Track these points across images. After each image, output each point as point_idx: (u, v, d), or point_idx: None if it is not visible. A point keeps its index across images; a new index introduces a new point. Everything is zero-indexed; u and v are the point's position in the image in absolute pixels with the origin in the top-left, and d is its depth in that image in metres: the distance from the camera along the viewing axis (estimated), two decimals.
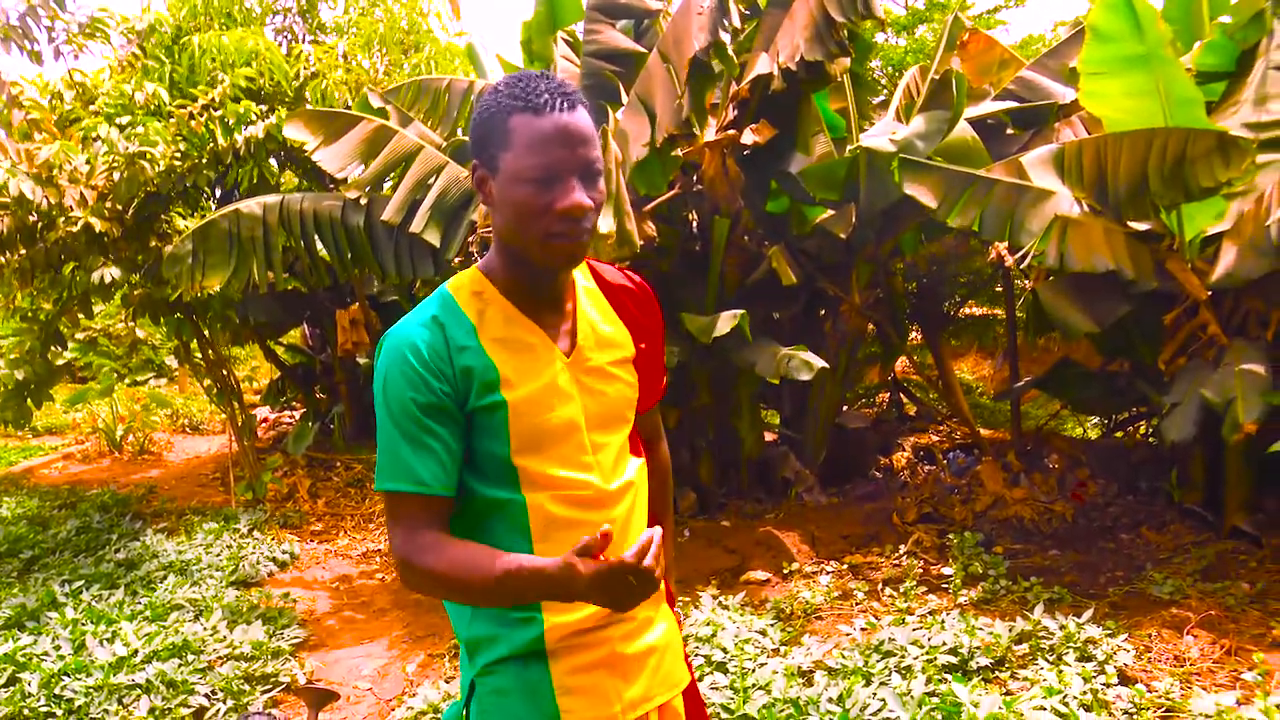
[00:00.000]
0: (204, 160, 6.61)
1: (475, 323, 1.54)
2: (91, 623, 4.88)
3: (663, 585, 1.68)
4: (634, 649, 1.62)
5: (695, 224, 6.47)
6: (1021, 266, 5.66)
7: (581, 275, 1.68)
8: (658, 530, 1.40)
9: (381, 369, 1.53)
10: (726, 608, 4.53)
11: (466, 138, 6.24)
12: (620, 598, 1.39)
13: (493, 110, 1.49)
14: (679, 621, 1.76)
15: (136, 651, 4.45)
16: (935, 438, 6.88)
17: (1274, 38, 5.15)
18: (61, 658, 4.38)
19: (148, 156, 6.16)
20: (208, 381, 8.04)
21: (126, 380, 12.98)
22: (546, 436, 1.54)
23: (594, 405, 1.60)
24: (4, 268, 6.73)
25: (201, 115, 6.53)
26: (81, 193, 6.21)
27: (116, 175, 6.21)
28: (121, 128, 6.33)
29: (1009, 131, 6.24)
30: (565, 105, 1.46)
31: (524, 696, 1.57)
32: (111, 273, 6.76)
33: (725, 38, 5.31)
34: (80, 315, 7.99)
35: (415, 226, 5.66)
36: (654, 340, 1.74)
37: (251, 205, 5.99)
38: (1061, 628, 3.83)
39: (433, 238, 5.68)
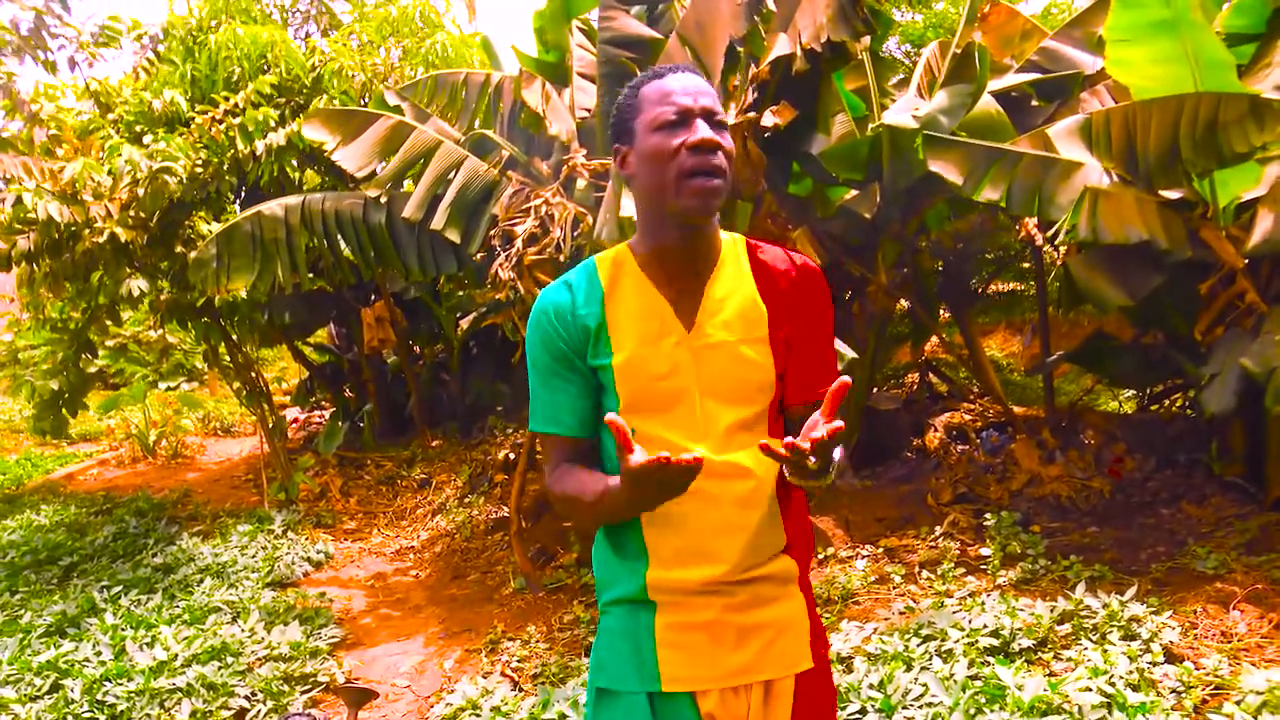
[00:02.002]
0: (226, 167, 6.63)
1: (606, 288, 1.69)
2: (131, 628, 4.92)
3: (795, 569, 1.73)
4: (743, 620, 1.66)
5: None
6: (1054, 242, 5.56)
7: (732, 255, 1.73)
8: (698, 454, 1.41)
9: (528, 331, 1.74)
10: None
11: (486, 131, 6.22)
12: (650, 495, 1.45)
13: (626, 94, 1.69)
14: (812, 607, 1.76)
15: (176, 655, 4.48)
16: (968, 416, 6.79)
17: None
18: (103, 663, 4.42)
19: (170, 171, 6.19)
20: (237, 384, 8.09)
21: (160, 385, 13.13)
22: (653, 400, 1.65)
23: (711, 379, 1.66)
24: (34, 277, 6.80)
25: (222, 122, 6.55)
26: (106, 207, 6.25)
27: (141, 191, 6.25)
28: (144, 146, 6.36)
29: (1034, 103, 6.13)
30: (686, 69, 1.65)
31: (629, 639, 1.70)
32: (140, 284, 6.81)
33: (757, 20, 5.24)
34: (109, 323, 8.06)
35: (436, 223, 5.64)
36: (805, 324, 1.74)
37: (273, 207, 6.00)
38: (1104, 606, 3.77)
39: (454, 234, 5.66)
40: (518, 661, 4.53)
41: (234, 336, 7.86)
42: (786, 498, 1.73)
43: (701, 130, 1.58)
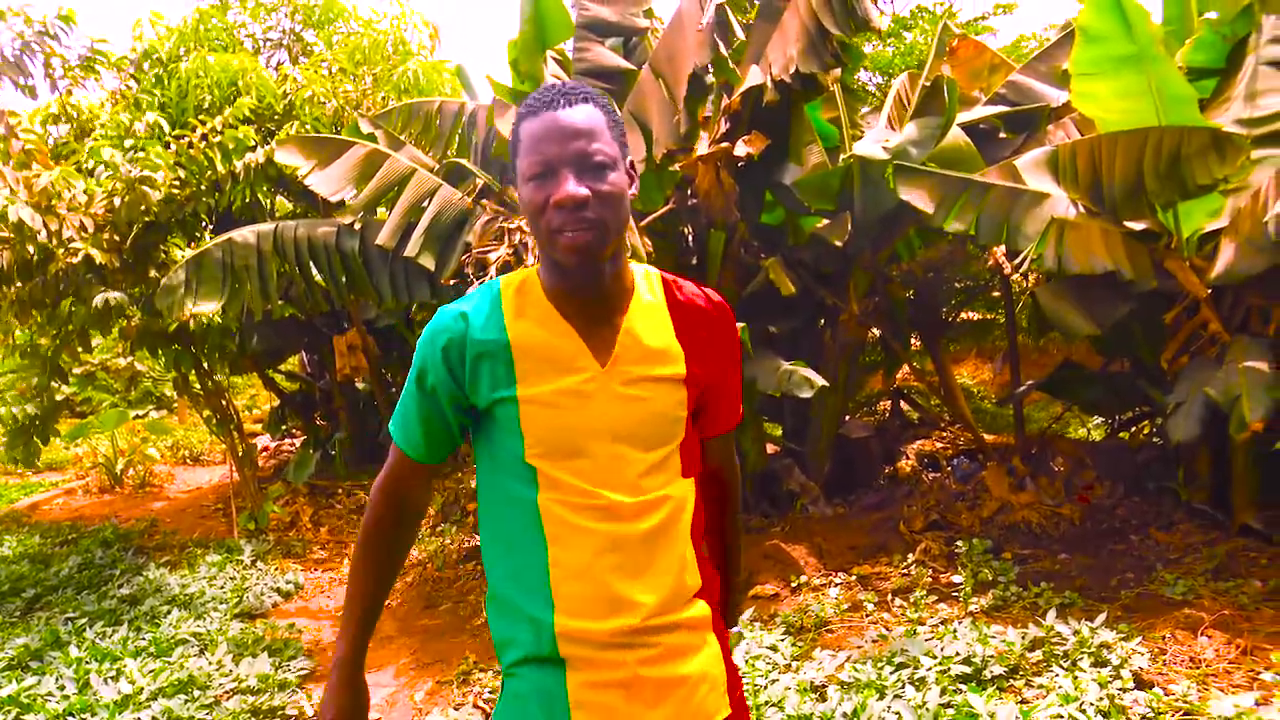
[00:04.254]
0: (203, 188, 6.60)
1: (509, 319, 1.58)
2: (96, 661, 4.83)
3: (709, 613, 1.66)
4: (659, 675, 1.57)
5: (691, 238, 6.46)
6: (1020, 271, 5.64)
7: (647, 288, 1.67)
8: None
9: (418, 343, 1.66)
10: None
11: (460, 160, 6.24)
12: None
13: (514, 122, 1.57)
14: (726, 651, 1.71)
15: (142, 689, 4.40)
16: (939, 444, 6.84)
17: (1263, 32, 5.16)
18: (66, 698, 4.34)
19: (150, 182, 6.14)
20: (207, 412, 8.01)
21: (129, 413, 12.96)
22: (562, 441, 1.55)
23: (626, 418, 1.58)
24: (1, 302, 6.71)
25: (201, 144, 6.53)
26: (81, 221, 6.18)
27: (117, 201, 6.19)
28: (125, 150, 6.32)
29: (1001, 135, 6.23)
30: (563, 103, 1.51)
31: (540, 703, 1.57)
32: (114, 295, 6.74)
33: (725, 51, 5.31)
34: (79, 349, 7.97)
35: (410, 250, 5.64)
36: (718, 363, 1.70)
37: (245, 233, 5.98)
38: (1075, 633, 3.79)
39: (427, 261, 5.66)
40: (489, 693, 4.49)
41: (205, 364, 7.79)
42: (697, 536, 1.68)
43: (566, 186, 1.47)
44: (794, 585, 5.21)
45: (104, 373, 14.58)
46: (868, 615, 4.67)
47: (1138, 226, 5.01)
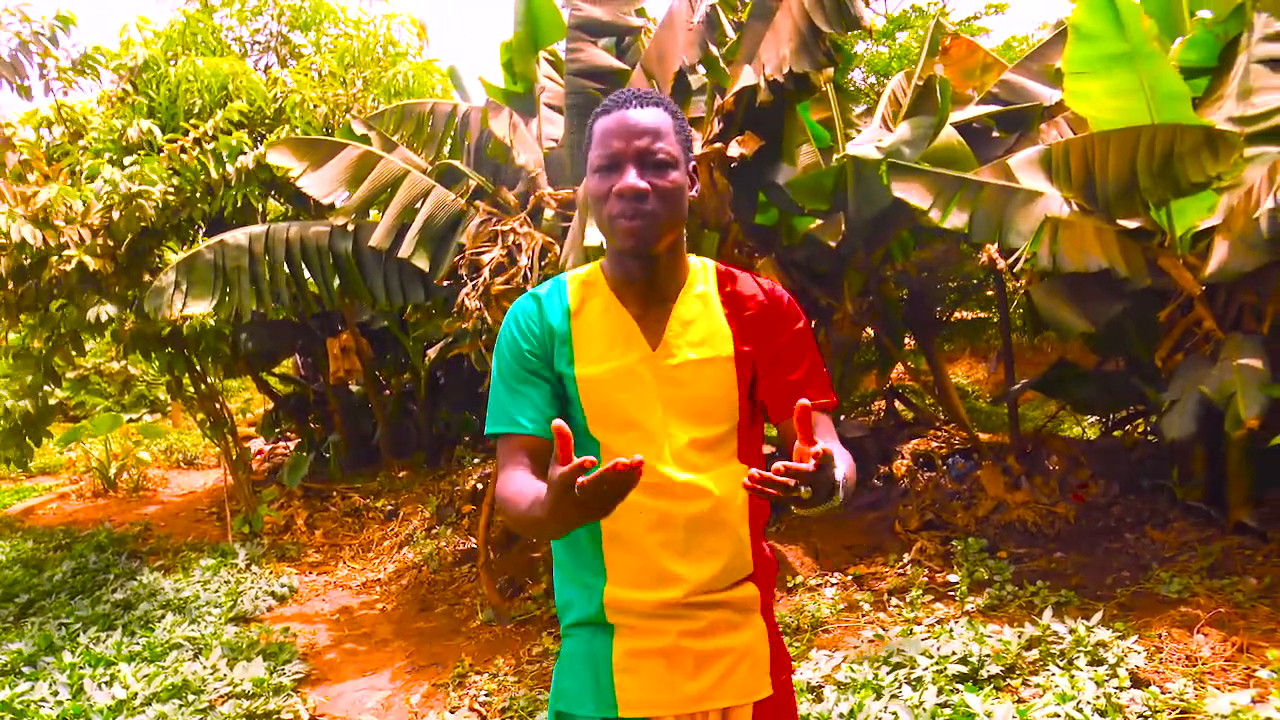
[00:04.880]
0: (197, 194, 6.58)
1: (573, 305, 1.73)
2: (89, 666, 4.82)
3: (758, 596, 1.75)
4: (700, 647, 1.67)
5: (685, 239, 6.44)
6: (1014, 269, 5.64)
7: (701, 279, 1.78)
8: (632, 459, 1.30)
9: (498, 336, 1.78)
10: None
11: (453, 161, 6.22)
12: (570, 507, 1.33)
13: (589, 122, 1.71)
14: (776, 635, 1.78)
15: (136, 694, 4.39)
16: (934, 443, 6.83)
17: (1254, 31, 5.16)
18: (60, 703, 4.32)
19: (146, 195, 6.13)
20: (200, 415, 7.98)
21: (123, 417, 12.92)
22: (616, 415, 1.68)
23: (675, 398, 1.68)
24: None
25: (194, 149, 6.50)
26: (79, 232, 6.16)
27: (115, 214, 6.17)
28: (124, 167, 6.30)
29: (994, 135, 6.24)
30: (636, 104, 1.66)
31: (587, 663, 1.71)
32: (107, 310, 6.71)
33: (715, 51, 5.29)
34: (73, 353, 7.94)
35: (404, 251, 5.62)
36: (775, 345, 1.75)
37: (237, 235, 5.95)
38: (1071, 631, 3.79)
39: (421, 262, 5.64)
40: (485, 696, 4.48)
41: (198, 367, 7.76)
42: (756, 523, 1.74)
43: (628, 177, 1.60)
44: (789, 586, 5.21)
45: (98, 376, 14.56)
46: (864, 615, 4.67)
47: (1131, 224, 5.01)
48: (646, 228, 1.62)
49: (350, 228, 6.01)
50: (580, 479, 1.27)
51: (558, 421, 1.33)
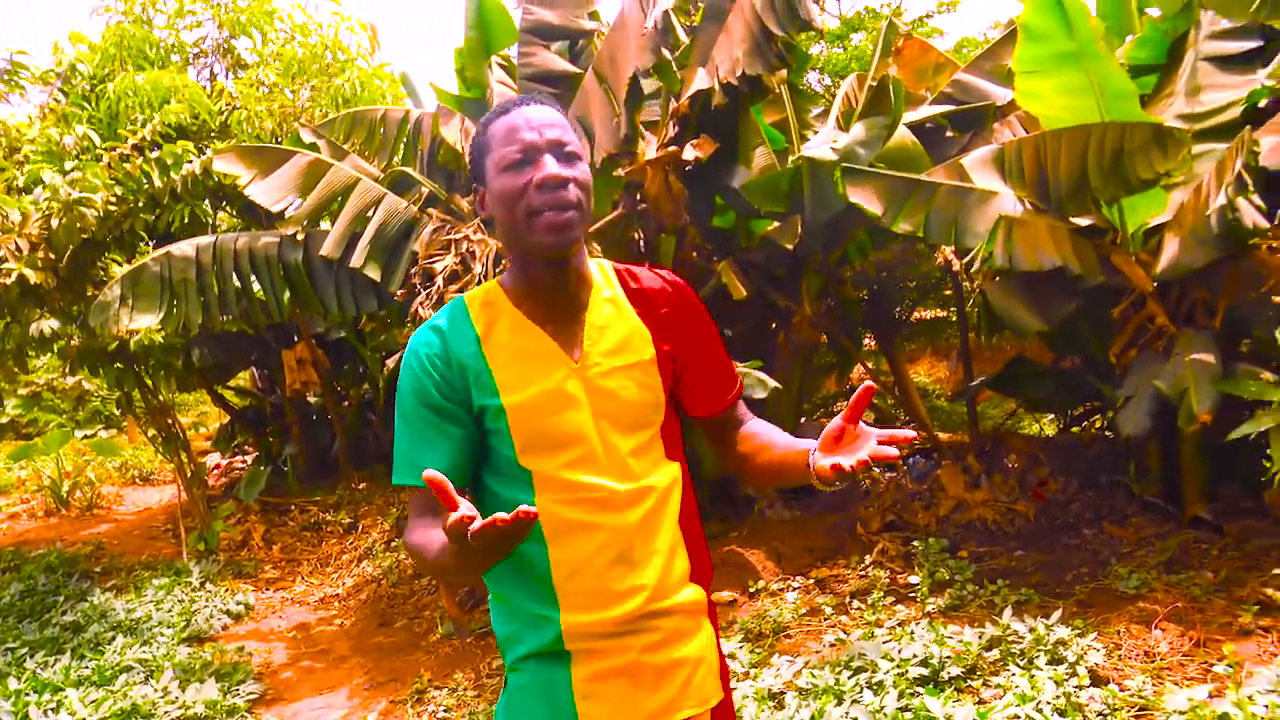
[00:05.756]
0: (140, 204, 6.44)
1: (480, 331, 1.63)
2: (35, 692, 4.67)
3: (704, 598, 1.72)
4: (660, 660, 1.63)
5: (642, 243, 6.40)
6: (970, 270, 5.66)
7: (604, 282, 1.72)
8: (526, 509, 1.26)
9: (400, 376, 1.66)
10: None
11: (406, 168, 6.14)
12: (475, 553, 1.30)
13: (477, 132, 1.65)
14: (717, 635, 1.76)
15: None
16: None
17: (1201, 28, 5.21)
18: None
19: (88, 203, 5.98)
20: (152, 431, 7.83)
21: (77, 433, 12.67)
22: (552, 440, 1.60)
23: (607, 409, 1.63)
24: None
25: (136, 156, 6.36)
26: (16, 243, 6.00)
27: (55, 223, 6.02)
28: (65, 173, 6.14)
29: (948, 134, 6.25)
30: (534, 103, 1.61)
31: (544, 696, 1.63)
32: (50, 325, 6.55)
33: (667, 54, 5.26)
34: (15, 369, 7.75)
35: (355, 261, 5.53)
36: (688, 336, 1.75)
37: (184, 247, 5.83)
38: (1031, 630, 3.78)
39: (373, 272, 5.56)
40: (444, 711, 4.40)
41: (149, 382, 7.60)
42: (686, 518, 1.71)
43: (548, 166, 1.54)
44: (752, 591, 5.17)
45: (50, 392, 14.27)
46: (825, 619, 4.64)
47: (1084, 222, 5.03)
48: (573, 219, 1.56)
49: (300, 237, 5.91)
50: (472, 528, 1.23)
51: (429, 472, 1.27)
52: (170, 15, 8.08)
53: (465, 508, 1.27)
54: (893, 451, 1.36)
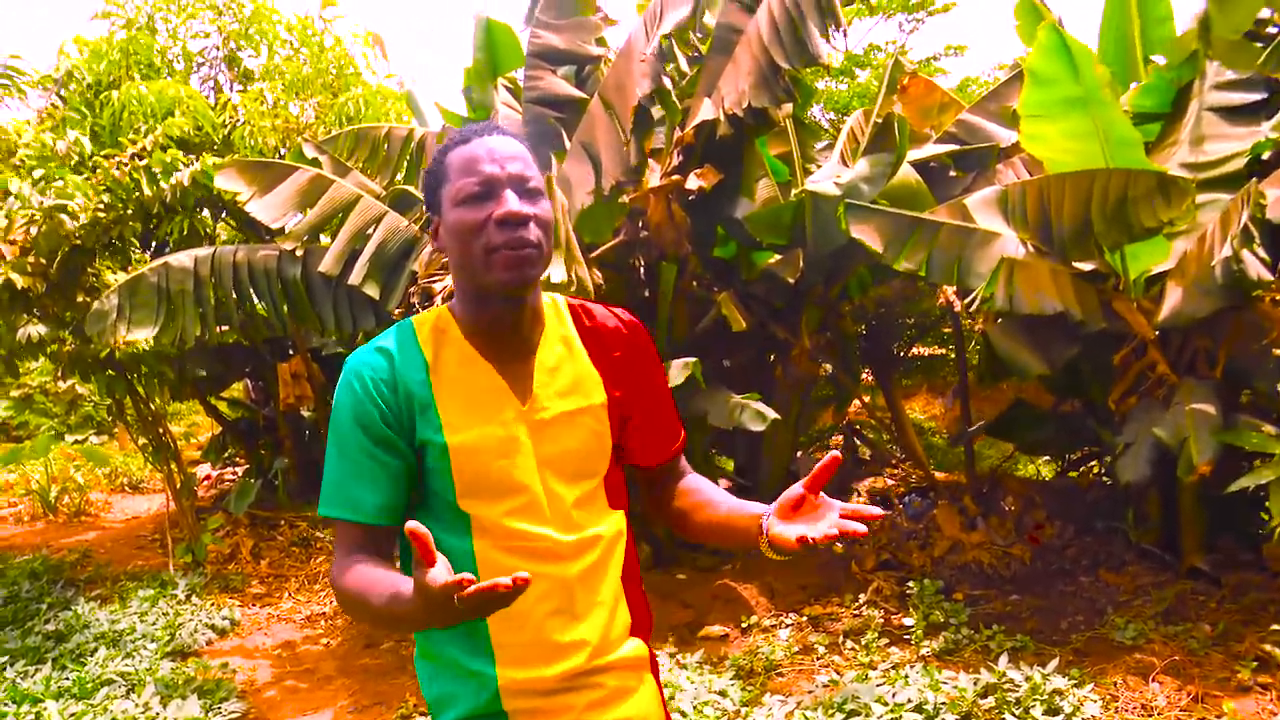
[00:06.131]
0: (129, 211, 6.40)
1: (430, 360, 1.53)
2: (13, 703, 4.60)
3: (646, 653, 1.66)
4: (604, 719, 1.55)
5: (642, 271, 6.39)
6: (971, 310, 5.65)
7: (557, 320, 1.64)
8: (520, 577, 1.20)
9: (336, 396, 1.55)
10: (685, 666, 4.39)
11: (408, 186, 6.13)
12: (449, 614, 1.22)
13: (434, 159, 1.55)
14: (660, 690, 1.69)
15: None
16: (890, 481, 6.81)
17: (1206, 78, 5.23)
18: None
19: (67, 210, 5.94)
20: (143, 439, 7.76)
21: (67, 438, 12.59)
22: (493, 484, 1.51)
23: (552, 455, 1.55)
24: None
25: (128, 165, 6.33)
26: (1, 249, 5.97)
27: (35, 230, 5.98)
28: (35, 181, 6.11)
29: (951, 174, 6.26)
30: (494, 133, 1.52)
31: None
32: (37, 330, 6.50)
33: (668, 83, 5.27)
34: (7, 375, 7.70)
35: (354, 279, 5.51)
36: (639, 382, 1.68)
37: (181, 258, 5.80)
38: (1027, 679, 3.74)
39: (372, 290, 5.53)
40: None
41: (140, 390, 7.55)
42: (629, 572, 1.65)
43: (509, 203, 1.45)
44: (744, 626, 5.12)
45: (43, 396, 14.18)
46: (819, 658, 4.59)
47: (1086, 267, 5.03)
48: (533, 257, 1.47)
49: (299, 253, 5.89)
50: (467, 590, 1.15)
51: (411, 525, 1.18)
52: (174, 24, 8.08)
53: (445, 564, 1.21)
54: (861, 528, 1.28)
